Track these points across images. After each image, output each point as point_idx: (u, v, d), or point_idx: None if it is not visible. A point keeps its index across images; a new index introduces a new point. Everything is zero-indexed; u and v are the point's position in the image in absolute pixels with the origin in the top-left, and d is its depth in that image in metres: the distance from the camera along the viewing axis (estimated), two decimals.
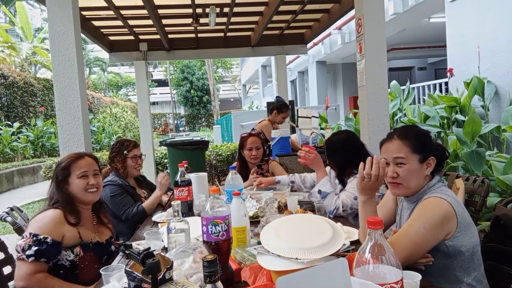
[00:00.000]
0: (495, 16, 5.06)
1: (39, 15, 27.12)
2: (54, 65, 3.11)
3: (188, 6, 4.73)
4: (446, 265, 1.47)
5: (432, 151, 1.52)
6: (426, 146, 1.53)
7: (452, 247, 1.43)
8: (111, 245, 1.94)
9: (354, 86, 9.36)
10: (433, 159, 1.51)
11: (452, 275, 1.47)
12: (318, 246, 1.22)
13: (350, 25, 9.57)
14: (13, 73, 11.93)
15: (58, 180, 1.84)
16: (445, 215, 1.41)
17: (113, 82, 31.17)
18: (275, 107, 4.87)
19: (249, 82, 27.83)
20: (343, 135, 2.48)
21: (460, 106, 4.83)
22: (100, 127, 13.49)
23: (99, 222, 1.97)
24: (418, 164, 1.50)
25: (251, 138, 2.98)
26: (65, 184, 1.84)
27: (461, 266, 1.46)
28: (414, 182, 1.51)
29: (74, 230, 1.77)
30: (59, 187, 1.84)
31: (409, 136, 1.53)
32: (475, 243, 1.48)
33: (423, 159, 1.50)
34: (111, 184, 2.59)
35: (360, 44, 3.50)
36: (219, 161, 7.27)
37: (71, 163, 1.86)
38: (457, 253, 1.44)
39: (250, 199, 2.21)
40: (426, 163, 1.51)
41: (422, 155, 1.50)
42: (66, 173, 1.85)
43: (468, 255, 1.46)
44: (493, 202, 3.31)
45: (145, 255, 1.08)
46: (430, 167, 1.51)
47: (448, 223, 1.41)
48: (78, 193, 1.83)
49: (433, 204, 1.43)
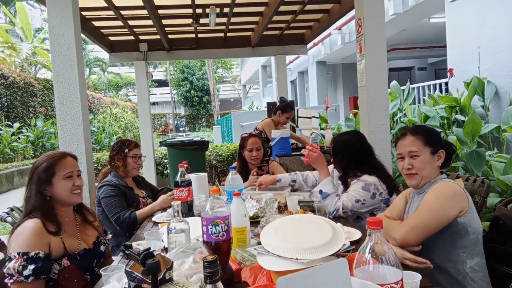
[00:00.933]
0: (495, 16, 5.06)
1: (39, 15, 27.12)
2: (54, 66, 3.11)
3: (188, 6, 4.73)
4: (450, 243, 1.54)
5: (441, 145, 1.70)
6: (435, 140, 1.70)
7: (461, 224, 1.53)
8: (100, 245, 1.87)
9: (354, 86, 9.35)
10: (443, 151, 1.69)
11: (455, 254, 1.54)
12: (318, 246, 1.22)
13: (350, 25, 9.57)
14: (13, 74, 11.94)
15: (40, 182, 1.71)
16: (456, 192, 1.57)
17: (113, 82, 31.17)
18: (279, 107, 4.87)
19: (249, 82, 27.83)
20: (348, 136, 2.48)
21: (460, 106, 4.82)
22: (100, 127, 13.49)
23: (84, 221, 1.88)
24: (430, 155, 1.67)
25: (252, 139, 2.98)
26: (47, 186, 1.72)
27: (466, 246, 1.54)
28: (428, 172, 1.67)
29: (58, 240, 1.67)
30: (40, 190, 1.71)
31: (420, 131, 1.71)
32: (480, 230, 1.58)
33: (434, 151, 1.68)
34: (107, 185, 2.59)
35: (360, 44, 3.50)
36: (219, 161, 7.27)
37: (55, 163, 1.74)
38: (464, 232, 1.53)
39: (250, 200, 2.21)
40: (437, 155, 1.68)
41: (433, 148, 1.68)
42: (50, 174, 1.72)
43: (473, 238, 1.54)
44: (493, 202, 3.31)
45: (145, 255, 1.09)
46: (441, 159, 1.68)
47: (460, 199, 1.56)
48: (63, 195, 1.74)
49: (444, 184, 1.63)
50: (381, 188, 2.15)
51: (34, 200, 1.70)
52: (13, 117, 11.41)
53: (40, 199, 1.70)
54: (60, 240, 1.68)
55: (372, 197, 2.14)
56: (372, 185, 2.14)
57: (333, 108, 11.54)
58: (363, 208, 2.15)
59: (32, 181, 1.73)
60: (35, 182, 1.72)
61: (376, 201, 2.15)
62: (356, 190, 2.16)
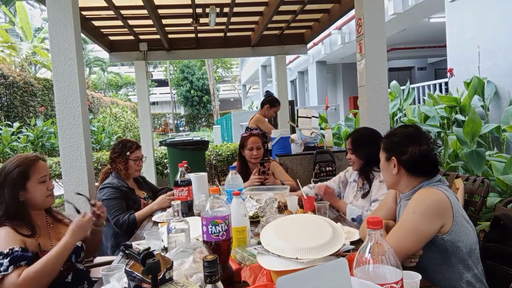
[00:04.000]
0: (495, 16, 5.06)
1: (39, 15, 27.11)
2: (54, 65, 3.11)
3: (188, 6, 4.73)
4: (445, 261, 1.48)
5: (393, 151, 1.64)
6: (390, 145, 1.67)
7: (449, 242, 1.45)
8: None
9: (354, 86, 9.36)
10: (394, 159, 1.62)
11: (451, 271, 1.48)
12: (318, 246, 1.22)
13: (350, 25, 9.57)
14: (13, 73, 11.93)
15: (14, 187, 1.65)
16: (436, 203, 1.46)
17: (113, 82, 31.16)
18: (267, 101, 4.91)
19: (249, 82, 27.81)
20: (370, 129, 2.55)
21: (460, 106, 4.83)
22: (100, 127, 13.48)
23: (56, 221, 1.86)
24: (385, 162, 1.68)
25: (252, 138, 2.99)
26: (21, 191, 1.67)
27: (460, 262, 1.47)
28: (386, 178, 1.71)
29: (33, 241, 1.65)
30: (14, 195, 1.65)
31: (386, 136, 1.73)
32: (472, 240, 1.50)
33: (388, 158, 1.66)
34: (108, 187, 2.58)
35: (360, 44, 3.50)
36: (219, 161, 7.27)
37: (29, 167, 1.69)
38: (455, 248, 1.46)
39: (250, 199, 2.21)
40: (391, 162, 1.64)
41: (387, 154, 1.67)
42: (25, 178, 1.67)
43: (466, 252, 1.47)
44: (493, 202, 3.31)
45: (145, 255, 1.09)
46: (395, 168, 1.62)
47: (442, 212, 1.45)
48: (38, 199, 1.71)
49: (425, 193, 1.50)
50: None
51: (7, 206, 1.64)
52: (13, 116, 11.40)
53: (14, 204, 1.65)
54: (35, 241, 1.66)
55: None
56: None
57: (333, 108, 11.54)
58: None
59: (4, 185, 1.66)
60: (9, 186, 1.66)
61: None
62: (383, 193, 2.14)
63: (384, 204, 1.82)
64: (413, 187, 1.59)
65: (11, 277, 1.51)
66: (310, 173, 4.11)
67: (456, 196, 1.55)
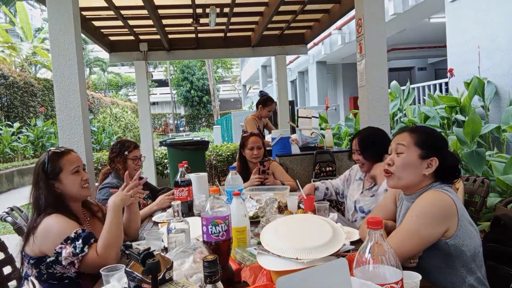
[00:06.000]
0: (495, 16, 5.06)
1: (39, 15, 27.12)
2: (54, 65, 3.11)
3: (188, 6, 4.73)
4: (448, 265, 1.46)
5: (437, 153, 1.48)
6: (431, 144, 1.50)
7: (453, 246, 1.42)
8: None
9: (354, 86, 9.36)
10: (435, 160, 1.47)
11: (454, 275, 1.46)
12: (318, 246, 1.22)
13: (350, 25, 9.57)
14: (13, 73, 11.94)
15: (48, 179, 1.70)
16: (443, 207, 1.41)
17: (113, 82, 31.16)
18: (260, 101, 4.95)
19: (249, 82, 27.82)
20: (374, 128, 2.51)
21: (460, 106, 4.83)
22: (100, 127, 13.49)
23: (92, 216, 1.89)
24: (418, 159, 1.48)
25: (253, 138, 3.00)
26: (55, 183, 1.71)
27: (463, 266, 1.45)
28: (407, 176, 1.50)
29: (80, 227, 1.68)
30: (50, 187, 1.70)
31: (417, 131, 1.55)
32: (477, 244, 1.48)
33: (424, 156, 1.48)
34: (108, 187, 2.58)
35: (360, 44, 3.50)
36: (219, 161, 7.28)
37: (61, 159, 1.74)
38: (459, 252, 1.43)
39: (250, 199, 2.21)
40: (427, 162, 1.48)
41: (424, 151, 1.48)
42: (58, 170, 1.71)
43: (470, 256, 1.45)
44: (493, 202, 3.31)
45: (145, 255, 1.08)
46: (430, 168, 1.48)
47: (447, 216, 1.41)
48: (74, 189, 1.74)
49: (431, 196, 1.44)
50: None
51: (46, 198, 1.68)
52: (13, 117, 11.41)
53: (52, 196, 1.69)
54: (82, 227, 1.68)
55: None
56: None
57: (333, 108, 11.54)
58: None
59: (39, 179, 1.71)
60: (44, 179, 1.70)
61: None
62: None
63: (383, 205, 1.80)
64: (421, 190, 1.52)
65: (90, 255, 1.58)
66: (310, 173, 4.11)
67: (458, 197, 1.53)
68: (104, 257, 1.58)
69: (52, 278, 1.63)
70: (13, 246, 1.82)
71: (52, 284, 1.64)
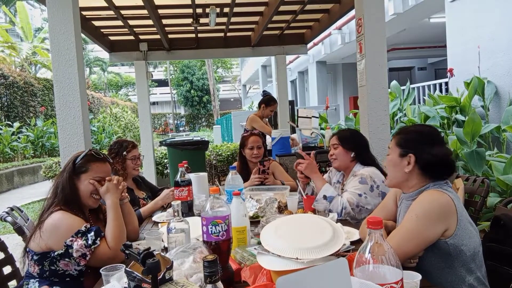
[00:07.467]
0: (495, 16, 5.06)
1: (39, 15, 27.10)
2: (54, 65, 3.11)
3: (188, 6, 4.74)
4: (447, 265, 1.46)
5: (413, 149, 1.54)
6: (408, 142, 1.57)
7: (453, 245, 1.43)
8: None
9: (354, 86, 9.36)
10: (412, 156, 1.53)
11: (453, 274, 1.46)
12: (318, 246, 1.22)
13: (350, 25, 9.57)
14: (13, 73, 11.94)
15: (73, 173, 1.75)
16: (442, 206, 1.42)
17: (113, 82, 31.17)
18: (262, 101, 4.95)
19: (249, 82, 27.81)
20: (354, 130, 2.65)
21: (460, 106, 4.83)
22: (100, 127, 13.49)
23: (96, 219, 1.89)
24: (398, 157, 1.57)
25: (253, 137, 3.00)
26: (76, 179, 1.76)
27: (463, 265, 1.45)
28: (394, 175, 1.60)
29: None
30: (70, 180, 1.74)
31: (400, 132, 1.65)
32: (476, 243, 1.48)
33: (403, 154, 1.55)
34: None
35: (360, 44, 3.50)
36: (219, 161, 7.27)
37: (93, 163, 1.79)
38: (458, 252, 1.43)
39: (250, 199, 2.21)
40: (406, 160, 1.54)
41: (402, 149, 1.56)
42: (83, 170, 1.77)
43: (469, 255, 1.45)
44: (493, 202, 3.31)
45: (145, 255, 1.08)
46: (410, 164, 1.53)
47: (446, 216, 1.42)
48: (84, 193, 1.77)
49: (431, 196, 1.46)
50: (377, 181, 2.16)
51: (63, 188, 1.74)
52: (13, 116, 11.41)
53: (69, 189, 1.74)
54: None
55: (371, 189, 2.15)
56: (368, 177, 2.16)
57: (333, 108, 11.53)
58: (367, 204, 2.13)
59: (67, 168, 1.78)
60: (69, 171, 1.76)
61: (375, 194, 2.15)
62: (354, 186, 2.18)
63: (384, 205, 1.80)
64: (418, 188, 1.54)
65: (102, 247, 1.64)
66: None
67: (458, 196, 1.54)
68: (115, 248, 1.64)
69: (54, 276, 1.64)
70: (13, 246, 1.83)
71: (53, 282, 1.65)
